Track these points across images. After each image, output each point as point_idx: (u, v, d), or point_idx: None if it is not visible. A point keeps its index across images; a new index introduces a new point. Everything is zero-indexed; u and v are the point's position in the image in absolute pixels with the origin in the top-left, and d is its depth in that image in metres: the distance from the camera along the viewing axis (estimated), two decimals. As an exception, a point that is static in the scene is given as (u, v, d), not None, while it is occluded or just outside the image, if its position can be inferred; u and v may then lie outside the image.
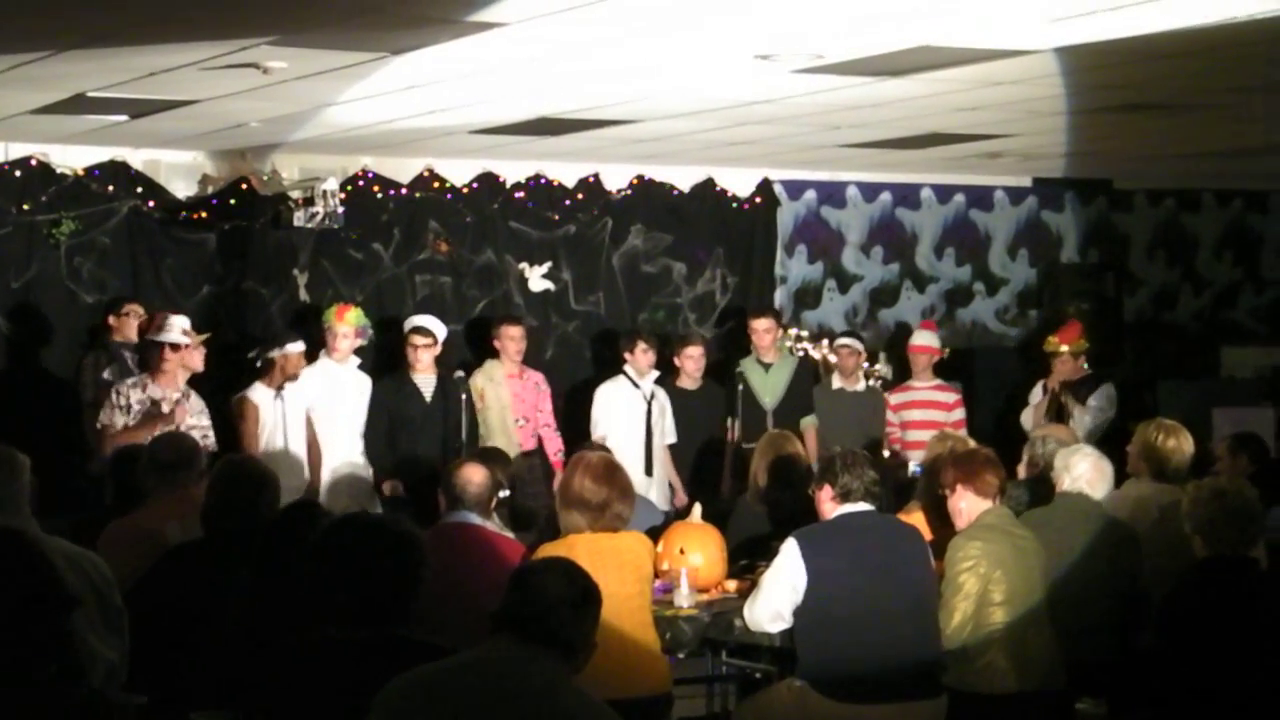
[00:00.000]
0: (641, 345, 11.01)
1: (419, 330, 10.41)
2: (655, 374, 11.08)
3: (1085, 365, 11.70)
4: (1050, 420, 11.13)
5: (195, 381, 9.36)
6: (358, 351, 10.42)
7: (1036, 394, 11.74)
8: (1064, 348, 11.63)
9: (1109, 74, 8.69)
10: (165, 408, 8.98)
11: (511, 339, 10.83)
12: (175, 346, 9.09)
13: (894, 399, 11.78)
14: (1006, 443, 9.75)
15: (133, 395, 9.00)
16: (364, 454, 10.26)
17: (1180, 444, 7.75)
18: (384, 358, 11.07)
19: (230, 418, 9.76)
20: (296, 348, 9.98)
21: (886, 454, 11.09)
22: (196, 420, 9.06)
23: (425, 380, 10.37)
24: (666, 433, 11.09)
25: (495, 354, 10.91)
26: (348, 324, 10.30)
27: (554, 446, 10.97)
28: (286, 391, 9.85)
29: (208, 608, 5.62)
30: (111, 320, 10.20)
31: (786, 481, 7.99)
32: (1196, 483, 6.41)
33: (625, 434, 10.77)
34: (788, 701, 6.35)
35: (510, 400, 10.77)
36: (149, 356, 9.21)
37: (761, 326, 11.30)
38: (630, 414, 10.92)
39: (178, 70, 7.92)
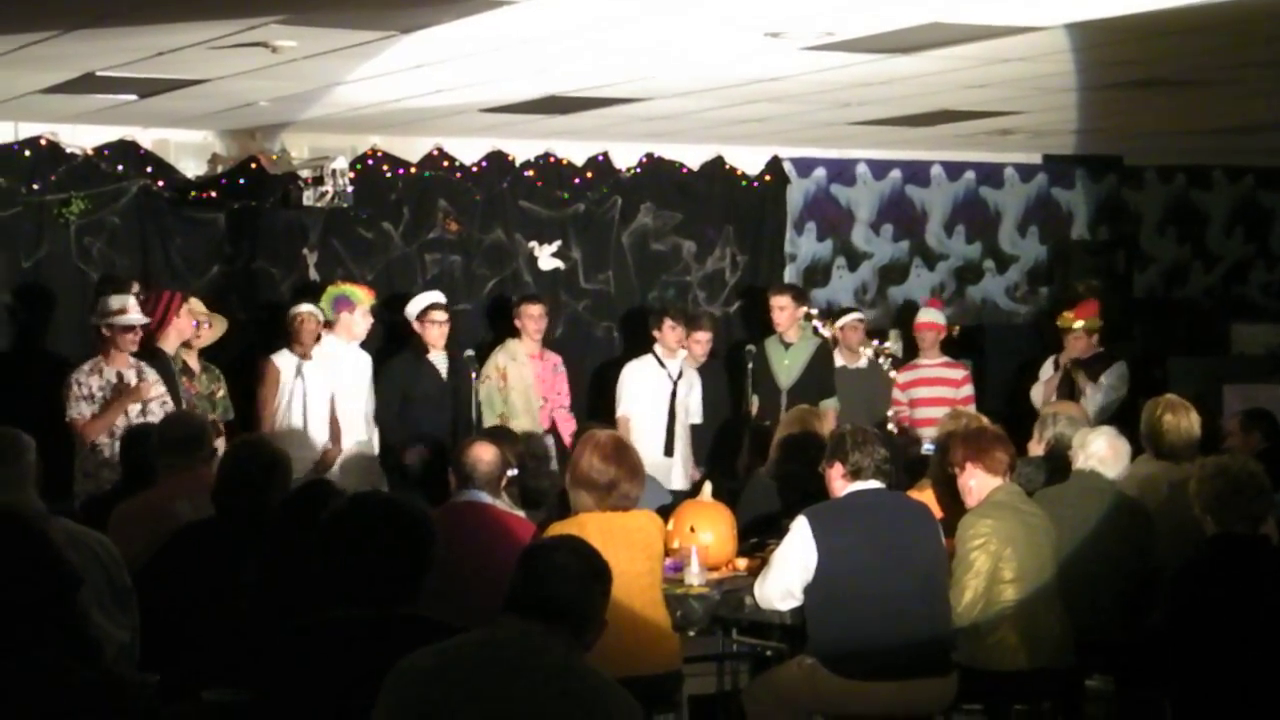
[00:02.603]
0: (669, 322, 11.04)
1: (437, 306, 10.42)
2: (684, 352, 11.09)
3: (1098, 343, 11.67)
4: (1062, 396, 11.10)
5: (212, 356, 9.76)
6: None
7: (1048, 369, 11.71)
8: (1078, 324, 11.58)
9: (1120, 50, 8.66)
10: (133, 380, 8.86)
11: (531, 318, 10.88)
12: (129, 328, 8.92)
13: (902, 377, 11.78)
14: (1017, 420, 9.75)
15: (93, 382, 8.85)
16: (377, 433, 10.30)
17: (1179, 421, 7.69)
18: (392, 335, 11.08)
19: (251, 382, 10.04)
20: (302, 308, 10.17)
21: (893, 429, 11.07)
22: (155, 390, 8.96)
23: (440, 359, 10.39)
24: (692, 411, 11.09)
25: (514, 333, 10.95)
26: (369, 303, 10.38)
27: (568, 429, 10.96)
28: (308, 366, 9.91)
29: (219, 586, 5.63)
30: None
31: (798, 459, 7.98)
32: (1203, 461, 6.41)
33: (648, 414, 10.78)
34: (798, 679, 6.36)
35: (534, 380, 10.81)
36: (102, 339, 8.99)
37: (778, 303, 11.28)
38: (655, 394, 10.93)
39: (186, 49, 7.91)
